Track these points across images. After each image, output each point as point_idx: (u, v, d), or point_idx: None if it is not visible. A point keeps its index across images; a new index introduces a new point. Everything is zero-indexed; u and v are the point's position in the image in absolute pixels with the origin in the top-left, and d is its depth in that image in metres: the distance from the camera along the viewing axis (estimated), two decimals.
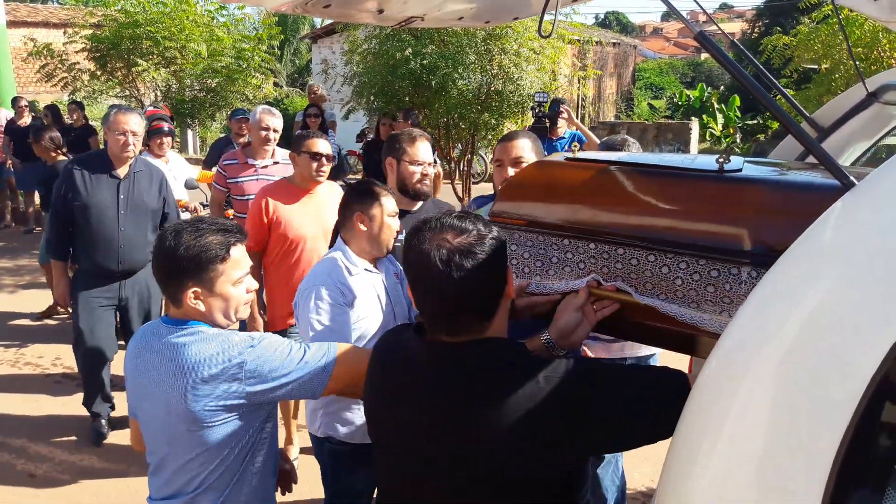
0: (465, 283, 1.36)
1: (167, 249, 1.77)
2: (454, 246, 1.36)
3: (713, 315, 1.44)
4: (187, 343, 1.77)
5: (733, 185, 1.49)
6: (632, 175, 1.60)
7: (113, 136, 3.90)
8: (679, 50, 46.61)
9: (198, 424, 1.77)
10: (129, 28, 9.10)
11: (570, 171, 1.70)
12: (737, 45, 2.34)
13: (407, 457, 1.44)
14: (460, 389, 1.38)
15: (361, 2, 1.82)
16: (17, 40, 13.80)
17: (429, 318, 1.45)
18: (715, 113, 21.57)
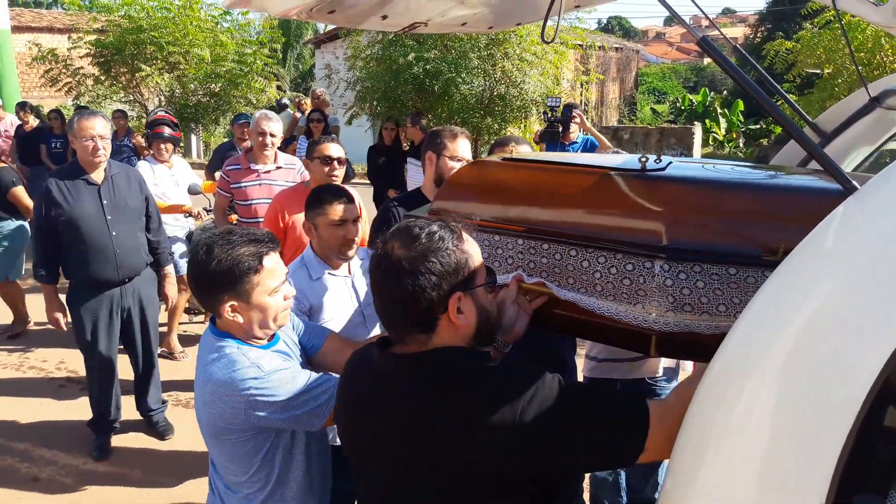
0: (398, 295, 1.38)
1: (200, 265, 1.76)
2: (395, 256, 1.38)
3: (629, 307, 1.48)
4: (212, 360, 1.80)
5: (652, 183, 1.54)
6: (558, 174, 1.68)
7: (80, 142, 3.77)
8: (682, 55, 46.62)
9: (210, 435, 1.84)
10: (133, 33, 9.14)
11: (503, 170, 1.77)
12: (739, 49, 2.35)
13: (385, 462, 1.44)
14: (417, 399, 1.38)
15: (365, 8, 1.83)
16: (21, 45, 13.86)
17: (384, 325, 1.48)
18: (718, 117, 21.58)
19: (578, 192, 1.60)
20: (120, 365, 4.22)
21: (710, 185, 1.56)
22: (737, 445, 1.17)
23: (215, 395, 1.77)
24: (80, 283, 3.96)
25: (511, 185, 1.70)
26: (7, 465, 4.05)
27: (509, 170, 1.76)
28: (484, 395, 1.33)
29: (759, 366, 1.16)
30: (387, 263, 1.39)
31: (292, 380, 1.80)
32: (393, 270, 1.38)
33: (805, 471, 1.09)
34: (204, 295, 1.82)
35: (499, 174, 1.76)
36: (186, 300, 5.58)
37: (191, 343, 5.79)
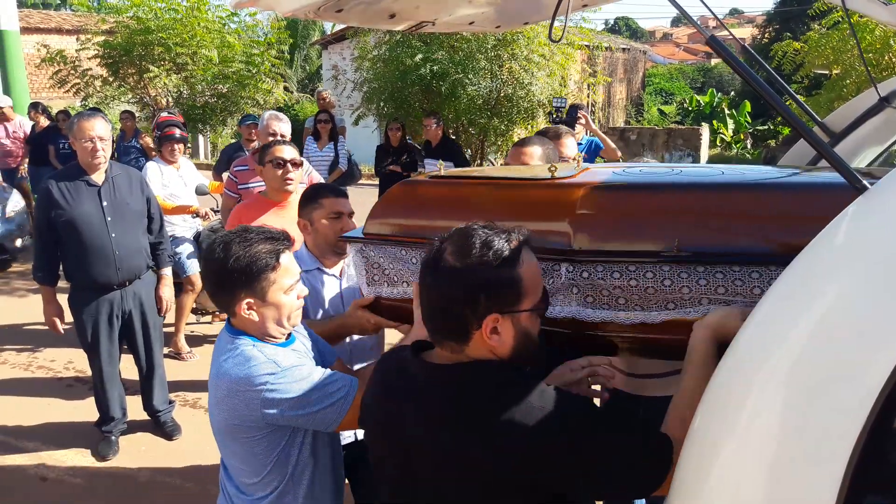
0: (435, 301, 1.38)
1: (218, 262, 1.78)
2: (444, 260, 1.36)
3: (562, 306, 1.58)
4: (227, 357, 1.80)
5: (560, 190, 1.65)
6: (478, 187, 1.82)
7: (80, 144, 3.76)
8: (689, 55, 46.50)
9: (224, 434, 1.84)
10: (141, 34, 9.16)
11: (429, 188, 1.89)
12: (748, 49, 2.34)
13: (411, 470, 1.43)
14: (444, 410, 1.37)
15: (373, 7, 1.83)
16: (30, 47, 13.91)
17: (433, 336, 1.46)
18: (725, 118, 21.51)
19: (494, 203, 1.71)
20: (125, 365, 4.24)
21: (613, 189, 1.65)
22: (744, 449, 1.16)
23: (231, 391, 1.76)
24: (80, 284, 3.95)
25: (437, 201, 1.81)
26: (15, 464, 4.07)
27: (435, 187, 1.88)
28: (506, 412, 1.31)
29: (766, 368, 1.15)
30: (433, 265, 1.37)
31: (308, 376, 1.79)
32: (438, 274, 1.36)
33: (814, 475, 1.09)
34: (220, 292, 1.82)
35: (424, 192, 1.88)
36: (193, 300, 5.59)
37: (198, 343, 5.81)
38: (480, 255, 1.34)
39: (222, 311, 1.86)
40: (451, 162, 6.98)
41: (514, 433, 1.29)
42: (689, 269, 1.48)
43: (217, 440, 1.91)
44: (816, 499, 1.08)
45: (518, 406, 1.31)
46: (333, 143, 7.41)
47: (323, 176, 6.27)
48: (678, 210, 1.55)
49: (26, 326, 6.42)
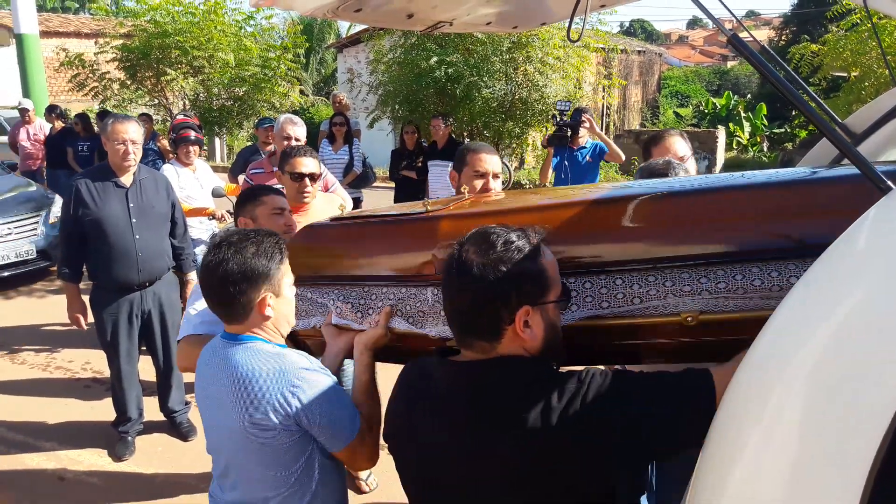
0: (466, 302, 1.38)
1: (233, 260, 1.73)
2: (468, 260, 1.37)
3: (433, 327, 1.73)
4: (248, 360, 1.74)
5: (428, 223, 1.82)
6: (363, 227, 1.99)
7: (112, 145, 3.84)
8: (705, 58, 46.29)
9: (249, 442, 1.75)
10: (159, 38, 9.23)
11: (327, 231, 2.06)
12: (767, 50, 2.32)
13: (445, 477, 1.41)
14: (477, 409, 1.36)
15: (391, 7, 1.84)
16: (49, 50, 14.08)
17: (452, 330, 1.46)
18: (742, 121, 21.39)
19: (379, 240, 1.90)
20: (142, 366, 4.26)
21: (468, 218, 1.82)
22: (765, 452, 1.14)
23: (262, 389, 1.70)
24: (102, 283, 4.01)
25: (333, 243, 1.99)
26: (33, 463, 4.10)
27: (332, 229, 2.05)
28: (546, 403, 1.31)
29: (788, 370, 1.13)
30: (458, 267, 1.38)
31: (330, 379, 1.78)
32: (463, 275, 1.37)
33: (836, 478, 1.07)
34: (237, 291, 1.74)
35: (324, 234, 2.05)
36: None
37: None
38: (505, 251, 1.36)
39: (233, 315, 1.78)
40: (451, 162, 6.97)
41: (560, 425, 1.29)
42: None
43: (232, 451, 1.82)
44: (839, 500, 1.06)
45: (558, 398, 1.32)
46: (348, 146, 7.43)
47: (338, 178, 6.27)
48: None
49: (44, 327, 6.48)
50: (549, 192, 2.27)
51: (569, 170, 5.99)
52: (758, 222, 1.51)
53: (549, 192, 2.25)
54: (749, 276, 1.46)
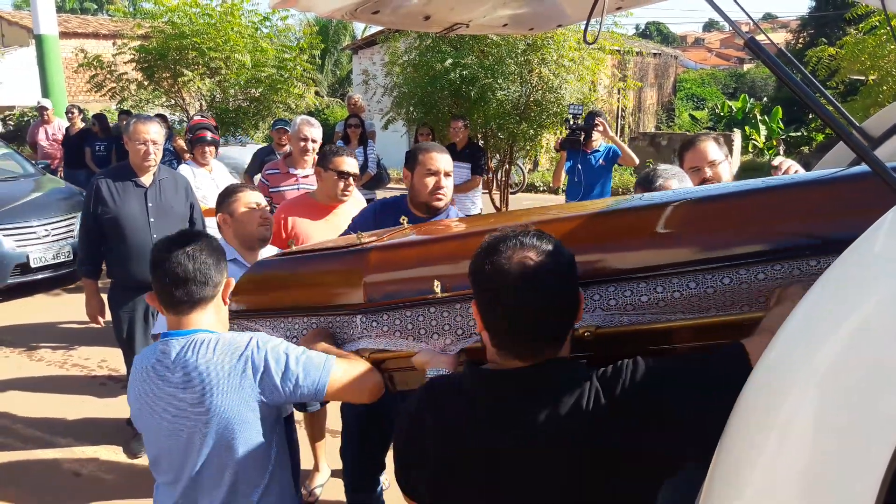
0: (544, 303, 1.35)
1: (210, 251, 1.90)
2: (539, 265, 1.34)
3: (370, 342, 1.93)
4: (200, 347, 1.80)
5: (362, 254, 1.99)
6: (304, 261, 2.16)
7: (134, 145, 3.90)
8: (721, 61, 46.03)
9: (230, 425, 1.78)
10: (176, 39, 9.28)
11: (275, 265, 2.23)
12: (784, 53, 2.31)
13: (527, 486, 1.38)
14: (550, 411, 1.36)
15: (408, 9, 1.85)
16: (68, 51, 14.21)
17: (507, 341, 1.41)
18: (758, 124, 21.23)
19: (321, 272, 2.09)
20: None
21: (390, 249, 2.01)
22: (779, 457, 1.14)
23: (233, 367, 1.78)
24: (119, 282, 4.06)
25: (279, 277, 2.13)
26: (50, 460, 4.14)
27: (281, 263, 2.22)
28: (611, 394, 1.35)
29: (802, 374, 1.13)
30: (534, 275, 1.34)
31: (282, 341, 1.91)
32: (550, 278, 1.35)
33: (852, 486, 1.06)
34: (211, 271, 1.88)
35: (273, 267, 2.22)
36: None
37: None
38: (558, 250, 1.38)
39: (203, 300, 1.88)
40: (470, 164, 6.99)
41: (625, 409, 1.33)
42: (450, 306, 1.80)
43: (219, 446, 1.82)
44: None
45: (614, 386, 1.35)
46: (363, 147, 7.46)
47: None
48: (437, 258, 1.89)
49: (62, 325, 6.55)
50: (479, 221, 2.44)
51: (582, 173, 5.97)
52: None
53: (480, 221, 2.42)
54: (637, 293, 1.57)
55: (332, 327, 1.97)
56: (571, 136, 6.02)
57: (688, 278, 1.52)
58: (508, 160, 8.99)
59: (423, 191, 2.85)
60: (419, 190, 2.87)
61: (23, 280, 7.29)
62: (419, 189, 2.87)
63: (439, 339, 1.81)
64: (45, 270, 7.37)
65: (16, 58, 21.25)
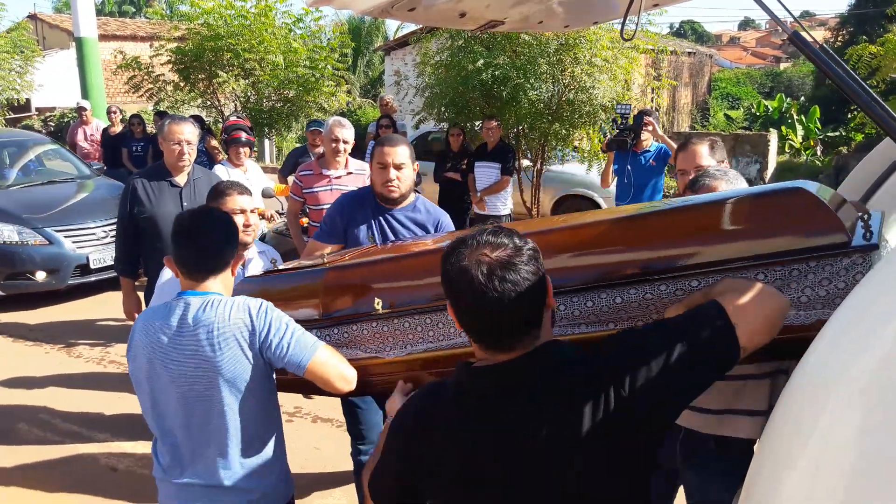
0: (509, 296, 1.37)
1: (223, 223, 2.13)
2: (494, 259, 1.38)
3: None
4: (215, 305, 2.01)
5: (320, 274, 2.20)
6: (278, 279, 2.40)
7: (168, 146, 3.96)
8: (757, 59, 45.36)
9: (232, 383, 2.01)
10: (211, 41, 9.40)
11: (257, 283, 2.40)
12: (826, 49, 2.26)
13: (540, 473, 1.39)
14: (544, 397, 1.39)
15: (444, 6, 1.84)
16: (107, 53, 14.48)
17: (483, 337, 1.45)
18: (794, 124, 20.87)
19: (292, 290, 2.30)
20: None
21: (343, 269, 2.22)
22: (821, 463, 1.11)
23: (237, 324, 1.99)
24: (156, 280, 4.09)
25: (262, 293, 2.25)
26: (87, 455, 4.22)
27: (262, 281, 2.42)
28: (600, 373, 1.40)
29: (845, 378, 1.10)
30: (504, 267, 1.38)
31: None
32: (513, 271, 1.38)
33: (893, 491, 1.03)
34: (231, 248, 2.13)
35: (257, 286, 2.37)
36: None
37: None
38: (517, 244, 1.42)
39: (217, 268, 2.11)
40: (500, 164, 6.96)
41: (612, 385, 1.37)
42: (400, 320, 1.97)
43: (225, 393, 2.02)
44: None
45: (599, 360, 1.42)
46: None
47: None
48: (378, 277, 2.10)
49: (99, 322, 6.67)
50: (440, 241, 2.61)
51: (632, 174, 5.80)
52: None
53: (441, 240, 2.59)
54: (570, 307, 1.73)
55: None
56: (619, 137, 5.84)
57: (611, 292, 1.68)
58: (541, 160, 8.95)
59: (378, 182, 3.03)
60: (374, 181, 3.07)
61: (83, 281, 7.36)
62: (374, 180, 3.07)
63: (384, 352, 2.02)
64: (104, 272, 7.39)
65: (56, 60, 21.72)
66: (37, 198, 7.78)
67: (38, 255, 7.07)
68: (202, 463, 2.07)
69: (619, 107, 6.04)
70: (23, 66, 13.80)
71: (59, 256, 7.14)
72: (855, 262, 1.52)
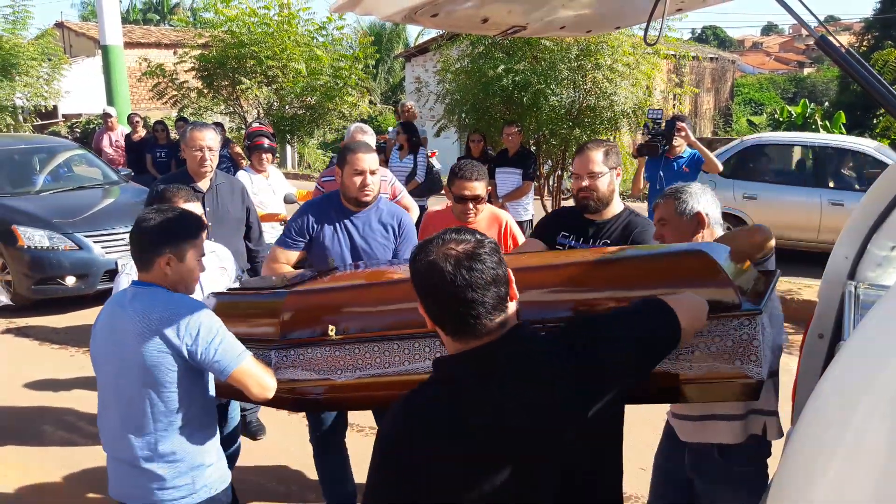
0: (477, 282, 1.46)
1: (156, 222, 2.22)
2: (460, 252, 1.48)
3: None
4: (149, 298, 2.18)
5: (283, 297, 2.33)
6: (242, 298, 2.56)
7: (190, 152, 4.01)
8: (780, 65, 44.97)
9: (151, 370, 2.14)
10: (235, 48, 9.51)
11: (223, 297, 2.55)
12: (853, 53, 2.24)
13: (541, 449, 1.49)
14: (515, 383, 1.48)
15: (466, 11, 1.85)
16: (132, 60, 14.68)
17: (456, 326, 1.51)
18: (818, 130, 20.64)
19: (257, 309, 2.46)
20: None
21: (305, 294, 2.37)
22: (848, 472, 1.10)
23: (161, 317, 2.13)
24: None
25: (222, 308, 2.39)
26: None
27: (230, 296, 2.58)
28: (563, 357, 1.53)
29: (873, 386, 1.09)
30: (469, 259, 1.48)
31: (217, 321, 2.24)
32: (479, 261, 1.48)
33: None
34: (149, 245, 2.23)
35: (222, 300, 2.50)
36: None
37: None
38: (478, 238, 1.52)
39: (142, 264, 2.25)
40: (521, 170, 6.95)
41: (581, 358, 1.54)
42: (350, 345, 2.15)
43: (145, 380, 2.16)
44: None
45: (562, 345, 1.57)
46: (413, 155, 7.53)
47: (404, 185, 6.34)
48: (341, 304, 2.25)
49: None
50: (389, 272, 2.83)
51: (664, 180, 5.70)
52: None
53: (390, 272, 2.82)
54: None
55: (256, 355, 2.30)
56: (650, 142, 5.81)
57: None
58: (561, 166, 8.93)
59: (353, 188, 3.21)
60: (348, 187, 3.22)
61: (111, 286, 7.44)
62: (348, 186, 3.22)
63: (335, 374, 2.18)
64: None
65: (83, 67, 22.06)
66: (66, 203, 7.85)
67: (68, 260, 7.14)
68: (124, 441, 2.23)
69: (651, 112, 5.98)
70: (50, 74, 14.03)
71: (88, 261, 7.20)
72: (742, 324, 1.74)
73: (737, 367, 1.73)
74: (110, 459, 2.34)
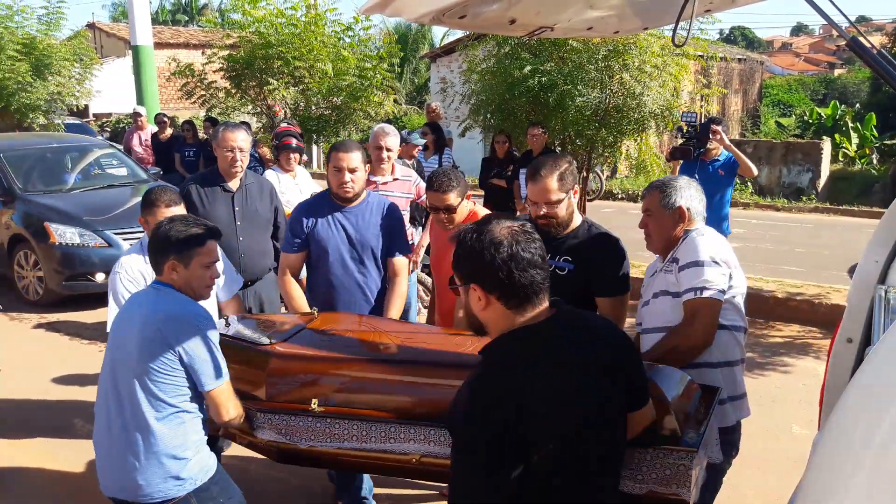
0: (538, 256, 1.72)
1: (167, 230, 2.35)
2: (518, 229, 1.71)
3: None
4: (164, 297, 2.33)
5: (269, 359, 2.49)
6: (236, 347, 2.62)
7: (222, 152, 4.06)
8: (809, 66, 44.36)
9: (146, 362, 2.26)
10: (262, 49, 9.56)
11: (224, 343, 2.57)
12: (884, 54, 2.20)
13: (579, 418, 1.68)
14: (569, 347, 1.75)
15: (494, 13, 1.86)
16: (161, 60, 14.86)
17: (517, 295, 1.68)
18: (849, 132, 20.34)
19: (244, 362, 2.54)
20: None
21: (291, 358, 2.50)
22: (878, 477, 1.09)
23: (169, 317, 2.27)
24: None
25: (232, 360, 2.46)
26: None
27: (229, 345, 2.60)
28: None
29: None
30: (528, 235, 1.72)
31: (217, 333, 2.41)
32: (531, 237, 1.73)
33: None
34: (159, 250, 2.38)
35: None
36: None
37: None
38: (523, 222, 1.77)
39: (154, 265, 2.41)
40: None
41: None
42: (332, 420, 2.30)
43: (140, 370, 2.28)
44: None
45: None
46: (439, 155, 7.55)
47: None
48: (321, 373, 2.39)
49: None
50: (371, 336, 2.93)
51: (700, 183, 5.67)
52: None
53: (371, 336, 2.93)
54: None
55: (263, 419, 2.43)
56: (684, 146, 5.72)
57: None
58: (586, 167, 8.89)
59: (334, 184, 3.43)
60: (331, 182, 3.46)
61: None
62: (331, 182, 3.46)
63: (317, 443, 2.33)
64: None
65: (113, 68, 22.40)
66: (97, 201, 8.00)
67: (98, 257, 7.27)
68: (106, 434, 2.39)
69: (685, 115, 5.91)
70: (82, 74, 14.23)
71: (117, 258, 7.30)
72: (680, 457, 1.98)
73: (673, 489, 1.99)
74: (99, 455, 2.46)
